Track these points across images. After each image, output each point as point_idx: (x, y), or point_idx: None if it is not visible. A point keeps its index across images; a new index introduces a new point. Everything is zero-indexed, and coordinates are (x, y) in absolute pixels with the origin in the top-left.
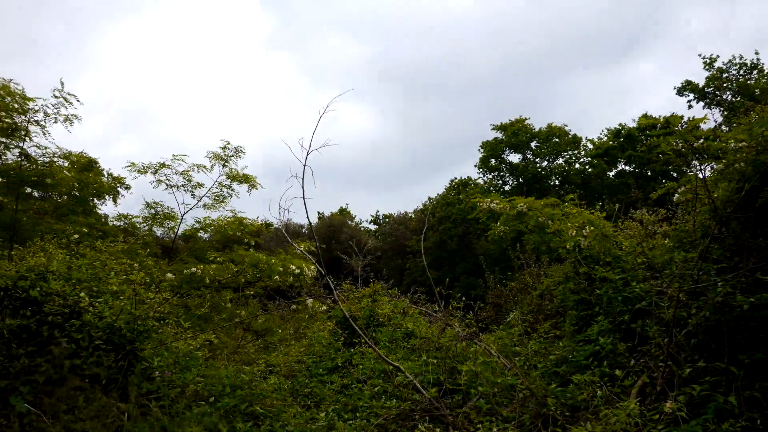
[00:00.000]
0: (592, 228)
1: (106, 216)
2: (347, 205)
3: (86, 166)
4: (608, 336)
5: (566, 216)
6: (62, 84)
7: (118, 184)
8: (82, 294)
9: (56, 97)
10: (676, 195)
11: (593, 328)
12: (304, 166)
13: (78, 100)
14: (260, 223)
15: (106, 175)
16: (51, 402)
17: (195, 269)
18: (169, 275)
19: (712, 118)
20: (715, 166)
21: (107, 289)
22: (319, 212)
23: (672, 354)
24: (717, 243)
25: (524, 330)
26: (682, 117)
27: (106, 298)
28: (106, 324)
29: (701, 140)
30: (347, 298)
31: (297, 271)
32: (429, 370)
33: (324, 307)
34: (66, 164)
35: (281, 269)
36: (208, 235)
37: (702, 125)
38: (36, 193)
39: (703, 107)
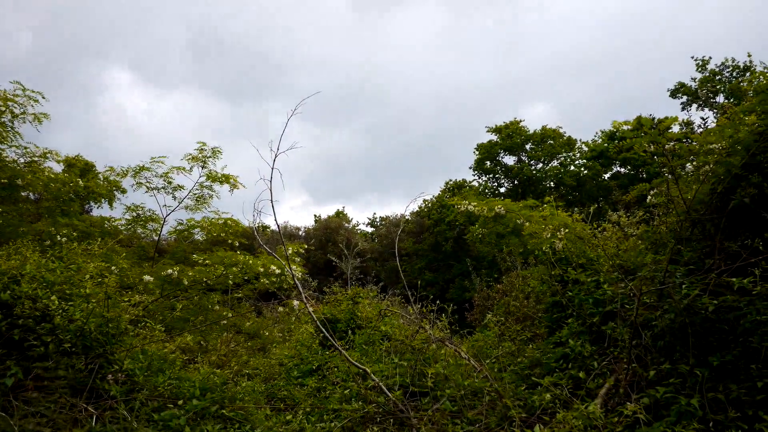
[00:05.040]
0: (567, 230)
1: (101, 218)
2: (344, 207)
3: (83, 169)
4: (578, 338)
5: (544, 218)
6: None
7: (114, 188)
8: (52, 297)
9: (17, 96)
10: (649, 197)
11: (564, 330)
12: (272, 168)
13: (43, 97)
14: (258, 225)
15: (102, 178)
16: (20, 405)
17: (171, 271)
18: (147, 278)
19: (688, 118)
20: (688, 168)
21: (79, 292)
22: (315, 215)
23: (640, 356)
24: (689, 245)
25: (500, 332)
26: (676, 119)
27: (79, 301)
28: (76, 327)
29: (672, 142)
30: (329, 300)
31: (278, 271)
32: (399, 373)
33: (311, 309)
34: (60, 166)
35: (261, 270)
36: (203, 237)
37: (674, 127)
38: (32, 195)
39: (696, 109)
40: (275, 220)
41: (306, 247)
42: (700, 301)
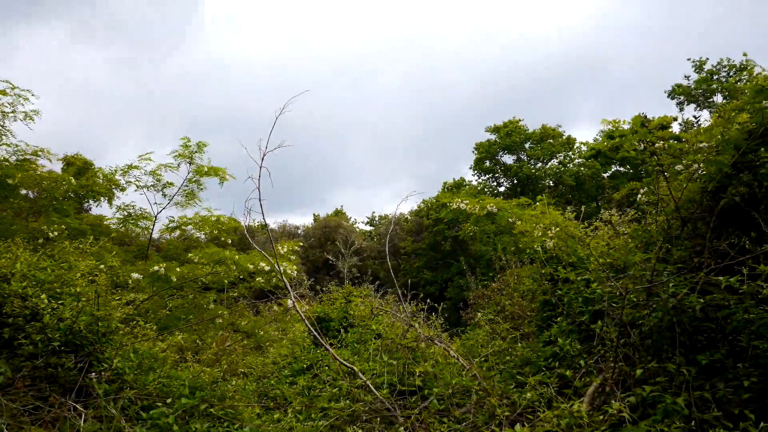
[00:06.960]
0: (558, 229)
1: (95, 217)
2: (342, 206)
3: (81, 167)
4: (567, 337)
5: (536, 217)
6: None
7: (113, 186)
8: (42, 296)
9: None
10: (639, 196)
11: (554, 329)
12: (260, 167)
13: (33, 95)
14: (257, 224)
15: (101, 177)
16: (8, 404)
17: (158, 268)
18: (135, 275)
19: (688, 118)
20: (678, 167)
21: (70, 290)
22: (315, 214)
23: (627, 355)
24: (680, 244)
25: (491, 331)
26: (669, 118)
27: (69, 300)
28: (66, 326)
29: (662, 141)
30: (323, 299)
31: (267, 268)
32: (388, 371)
33: (306, 308)
34: (56, 165)
35: (251, 267)
36: (196, 235)
37: (674, 126)
38: (31, 194)
39: (695, 109)
40: (263, 218)
41: (301, 244)
42: (688, 299)
